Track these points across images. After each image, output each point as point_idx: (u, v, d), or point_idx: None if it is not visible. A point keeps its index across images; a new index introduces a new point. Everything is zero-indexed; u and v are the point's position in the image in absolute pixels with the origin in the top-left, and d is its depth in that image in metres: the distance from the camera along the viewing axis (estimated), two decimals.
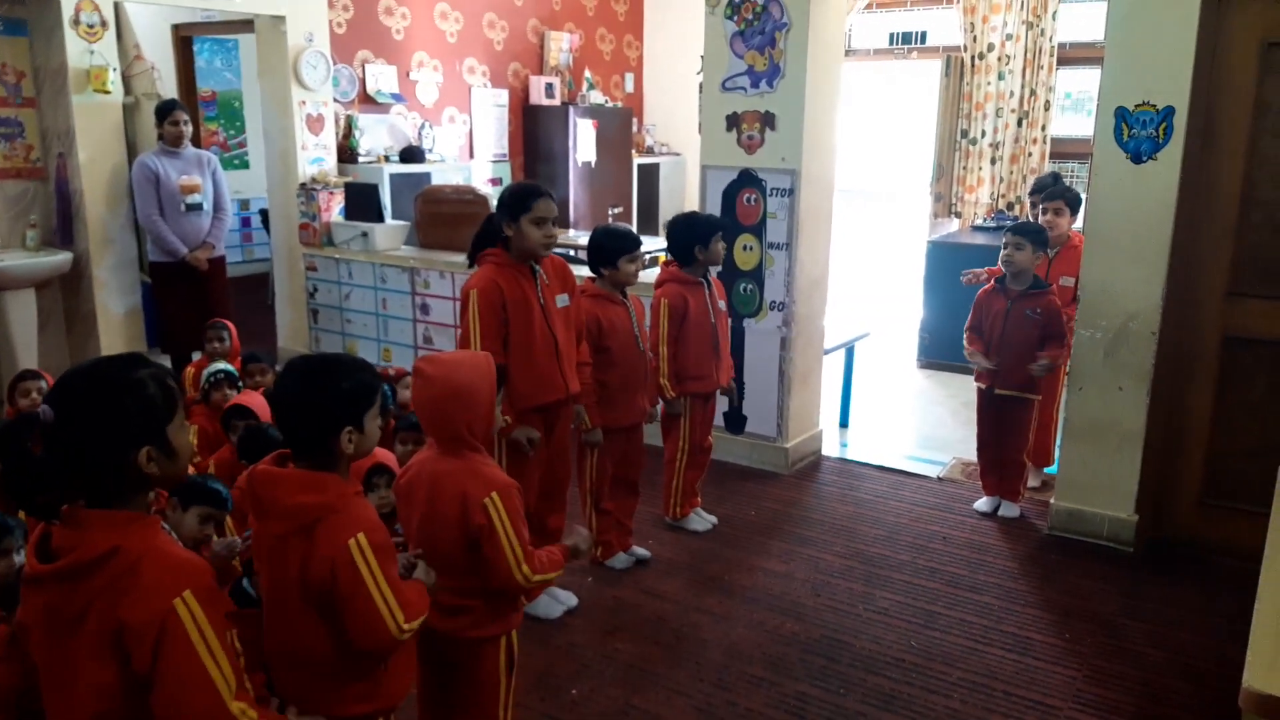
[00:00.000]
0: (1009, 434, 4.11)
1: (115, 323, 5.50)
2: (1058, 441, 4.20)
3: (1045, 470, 4.47)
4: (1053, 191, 4.37)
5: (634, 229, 4.23)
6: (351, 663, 1.85)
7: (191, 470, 2.85)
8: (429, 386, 2.16)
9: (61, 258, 5.29)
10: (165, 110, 5.32)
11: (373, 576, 1.78)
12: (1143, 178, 3.59)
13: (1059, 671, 3.01)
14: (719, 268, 3.74)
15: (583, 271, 3.57)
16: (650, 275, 4.43)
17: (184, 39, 7.69)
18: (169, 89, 6.91)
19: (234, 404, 3.45)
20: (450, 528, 2.13)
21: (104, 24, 5.20)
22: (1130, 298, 3.68)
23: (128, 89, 5.70)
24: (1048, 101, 7.10)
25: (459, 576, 2.15)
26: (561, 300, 3.17)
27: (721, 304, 3.91)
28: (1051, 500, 4.01)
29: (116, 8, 5.37)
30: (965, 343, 4.16)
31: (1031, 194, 4.47)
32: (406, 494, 2.22)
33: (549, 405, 3.16)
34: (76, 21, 5.09)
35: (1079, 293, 3.81)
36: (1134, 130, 3.57)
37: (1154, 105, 3.53)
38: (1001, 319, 4.01)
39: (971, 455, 4.49)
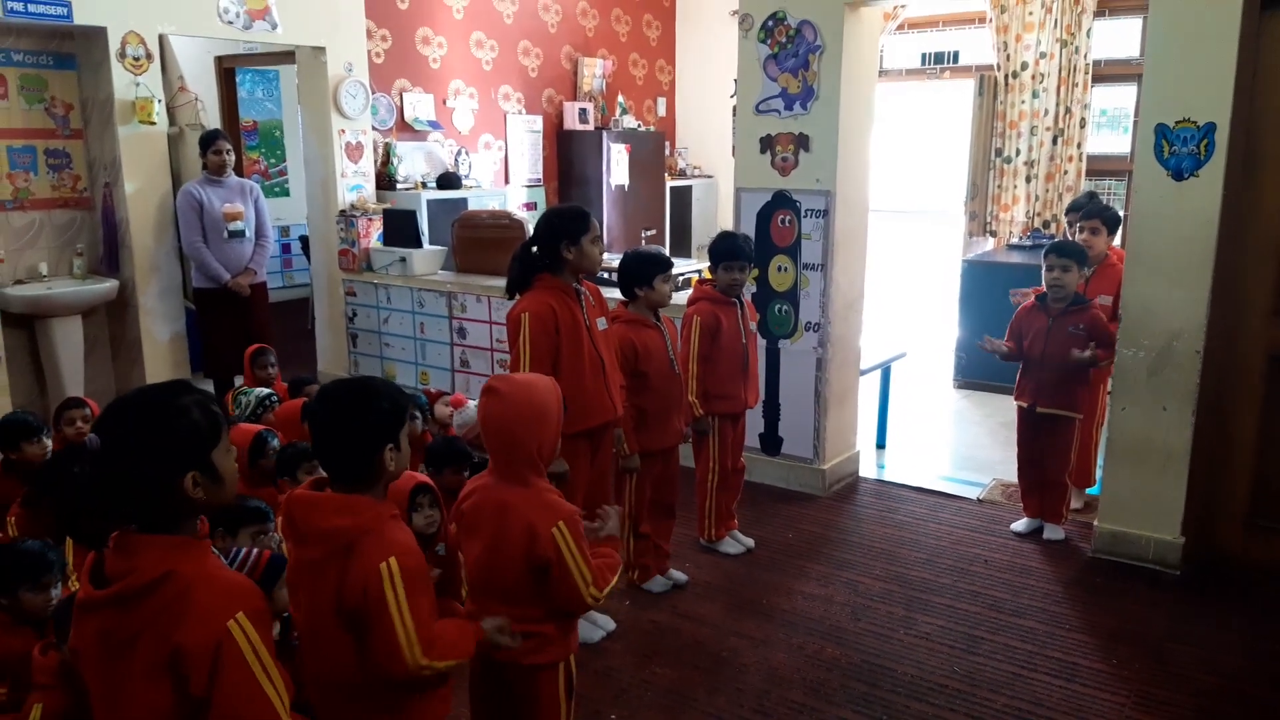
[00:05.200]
0: (1051, 454, 4.06)
1: (160, 349, 5.60)
2: (1099, 462, 4.13)
3: (1087, 491, 4.40)
4: (1089, 210, 4.33)
5: (667, 251, 4.24)
6: (381, 687, 1.86)
7: None
8: (504, 405, 2.16)
9: (108, 285, 5.41)
10: (209, 140, 5.43)
11: (396, 602, 1.78)
12: (1184, 195, 3.55)
13: (1107, 698, 2.95)
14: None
15: (612, 295, 3.58)
16: (683, 297, 4.44)
17: (227, 70, 7.85)
18: (212, 119, 7.06)
19: None
20: (515, 558, 2.12)
21: (149, 56, 5.34)
22: (1173, 316, 3.63)
23: (172, 120, 5.83)
24: (1083, 119, 7.04)
25: (521, 605, 2.14)
26: (601, 323, 3.20)
27: (752, 325, 3.91)
28: (1095, 522, 3.95)
29: (161, 40, 5.50)
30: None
31: (1068, 213, 4.43)
32: (471, 522, 2.20)
33: (596, 429, 3.17)
34: (123, 54, 5.23)
35: (1120, 312, 3.76)
36: (1175, 147, 3.54)
37: (1195, 121, 3.49)
38: (1043, 337, 3.97)
39: (1011, 476, 4.44)
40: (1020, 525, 4.18)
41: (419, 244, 5.99)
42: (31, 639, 2.28)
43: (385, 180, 6.74)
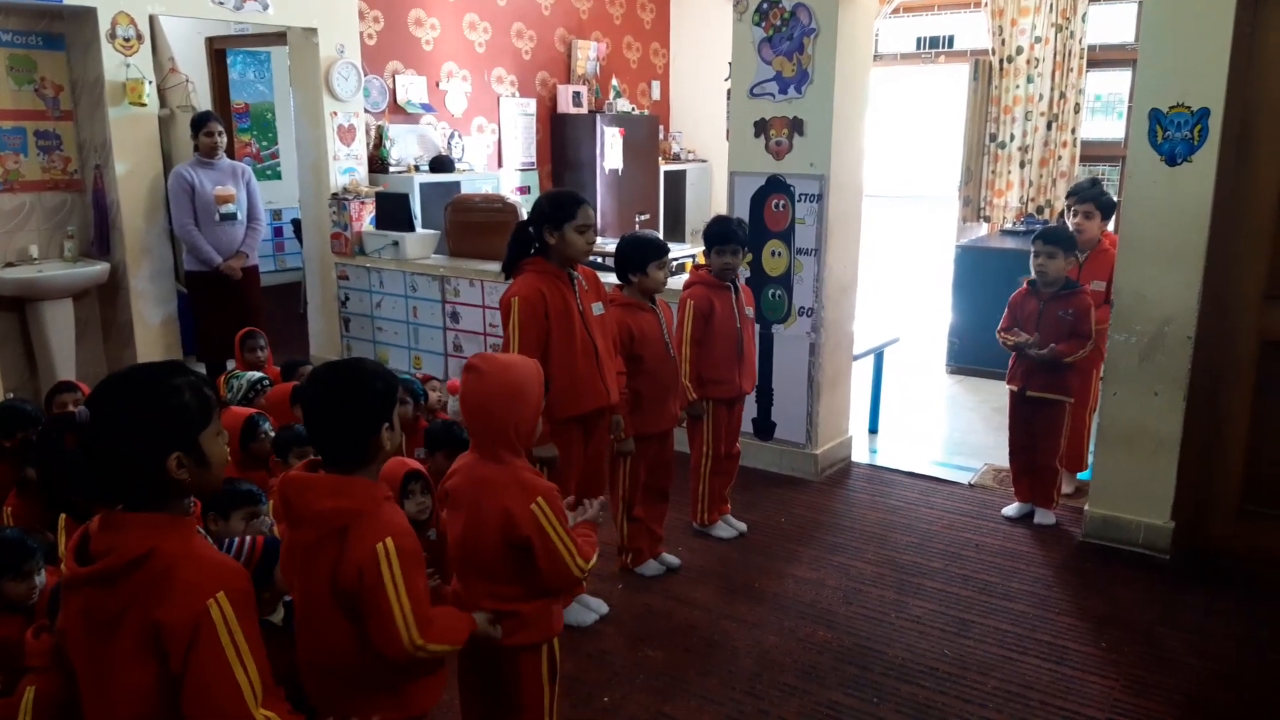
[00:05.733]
0: (1041, 438, 4.07)
1: (151, 332, 5.58)
2: (1091, 447, 4.15)
3: (1079, 476, 4.42)
4: (1084, 194, 4.33)
5: (661, 236, 4.23)
6: (377, 670, 1.86)
7: None
8: (482, 383, 2.17)
9: (99, 268, 5.38)
10: (200, 122, 5.40)
11: (393, 582, 1.78)
12: (1177, 180, 3.55)
13: (1096, 681, 2.97)
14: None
15: (609, 279, 3.57)
16: (679, 282, 4.44)
17: (218, 52, 7.80)
18: (203, 101, 7.02)
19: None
20: (493, 536, 2.13)
21: (139, 38, 5.29)
22: (1165, 302, 3.63)
23: (163, 101, 5.79)
24: (1077, 104, 7.03)
25: (501, 584, 2.16)
26: (597, 308, 3.19)
27: (749, 311, 3.90)
28: (1085, 507, 3.97)
29: (152, 21, 5.45)
30: (999, 334, 4.11)
31: (1068, 197, 4.43)
32: (454, 500, 2.22)
33: (588, 414, 3.17)
34: (113, 35, 5.18)
35: (1113, 297, 3.77)
36: (1168, 132, 3.53)
37: (1188, 107, 3.49)
38: (1034, 321, 3.98)
39: (1003, 461, 4.46)
40: (1011, 510, 4.20)
41: (412, 228, 5.97)
42: (18, 627, 2.28)
43: (378, 163, 6.71)
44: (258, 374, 4.00)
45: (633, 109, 8.53)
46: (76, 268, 5.35)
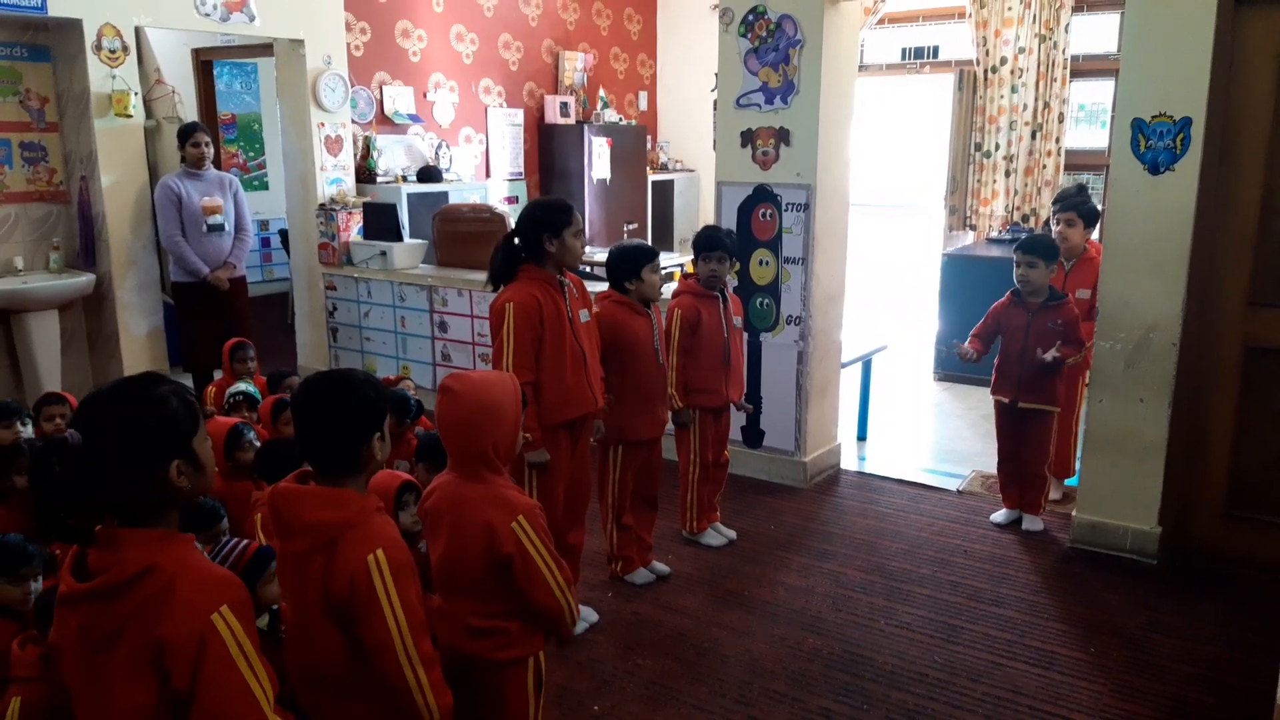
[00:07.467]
0: (1029, 447, 4.09)
1: (138, 343, 5.55)
2: (1078, 453, 4.17)
3: (1066, 482, 4.45)
4: (1066, 203, 4.36)
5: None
6: (368, 680, 1.85)
7: None
8: (457, 403, 2.16)
9: (84, 279, 5.36)
10: (187, 133, 5.38)
11: (386, 594, 1.78)
12: (1160, 189, 3.58)
13: (1084, 686, 2.98)
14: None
15: (597, 289, 3.58)
16: (668, 291, 4.45)
17: (204, 63, 7.79)
18: (190, 112, 7.00)
19: None
20: (476, 555, 2.12)
21: (125, 49, 5.28)
22: (1150, 309, 3.66)
23: (149, 112, 5.78)
24: (1061, 114, 7.09)
25: (486, 601, 2.14)
26: (584, 315, 3.20)
27: (737, 320, 3.92)
28: (1073, 513, 3.99)
29: (138, 33, 5.45)
30: (970, 340, 4.13)
31: (1054, 204, 4.46)
32: (431, 521, 2.21)
33: (575, 420, 3.17)
34: (99, 47, 5.17)
35: (1098, 304, 3.80)
36: (1151, 141, 3.57)
37: (1171, 116, 3.52)
38: (1023, 333, 4.00)
39: (990, 468, 4.48)
40: (999, 516, 4.22)
41: (399, 238, 5.96)
42: (11, 632, 2.27)
43: (365, 174, 6.71)
44: (239, 386, 3.99)
45: (620, 119, 8.55)
46: (62, 279, 5.32)
